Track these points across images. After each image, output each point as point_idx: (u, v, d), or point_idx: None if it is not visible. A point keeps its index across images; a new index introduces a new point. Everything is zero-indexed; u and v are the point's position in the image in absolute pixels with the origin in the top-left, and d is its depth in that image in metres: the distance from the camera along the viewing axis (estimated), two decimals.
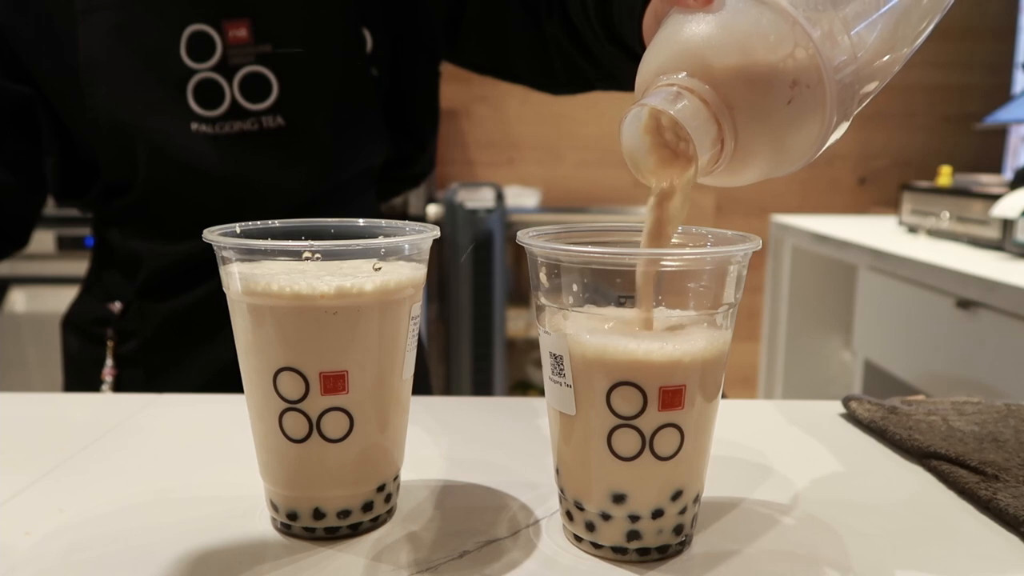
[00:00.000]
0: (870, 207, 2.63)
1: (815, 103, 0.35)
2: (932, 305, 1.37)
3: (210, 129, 0.75)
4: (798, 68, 0.35)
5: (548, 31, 0.75)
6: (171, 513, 0.44)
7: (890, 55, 0.37)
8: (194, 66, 0.75)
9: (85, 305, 0.86)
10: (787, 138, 0.37)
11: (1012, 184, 1.52)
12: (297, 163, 0.78)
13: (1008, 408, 0.59)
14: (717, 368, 0.38)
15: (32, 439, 0.55)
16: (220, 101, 0.75)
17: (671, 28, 0.38)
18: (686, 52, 0.36)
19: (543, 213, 2.53)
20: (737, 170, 0.38)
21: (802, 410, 0.63)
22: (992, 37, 2.60)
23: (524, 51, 0.78)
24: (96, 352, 0.83)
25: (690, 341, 0.37)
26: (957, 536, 0.43)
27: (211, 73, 0.75)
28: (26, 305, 2.07)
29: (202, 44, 0.75)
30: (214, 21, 0.74)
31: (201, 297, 0.79)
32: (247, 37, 0.74)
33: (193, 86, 0.75)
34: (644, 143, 0.38)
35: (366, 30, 0.80)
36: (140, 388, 0.81)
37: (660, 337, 0.37)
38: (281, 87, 0.76)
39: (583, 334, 0.37)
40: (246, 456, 0.46)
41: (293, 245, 0.39)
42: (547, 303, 0.39)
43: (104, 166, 0.78)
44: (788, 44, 0.35)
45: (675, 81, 0.36)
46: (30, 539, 0.41)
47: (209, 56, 0.75)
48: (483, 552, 0.40)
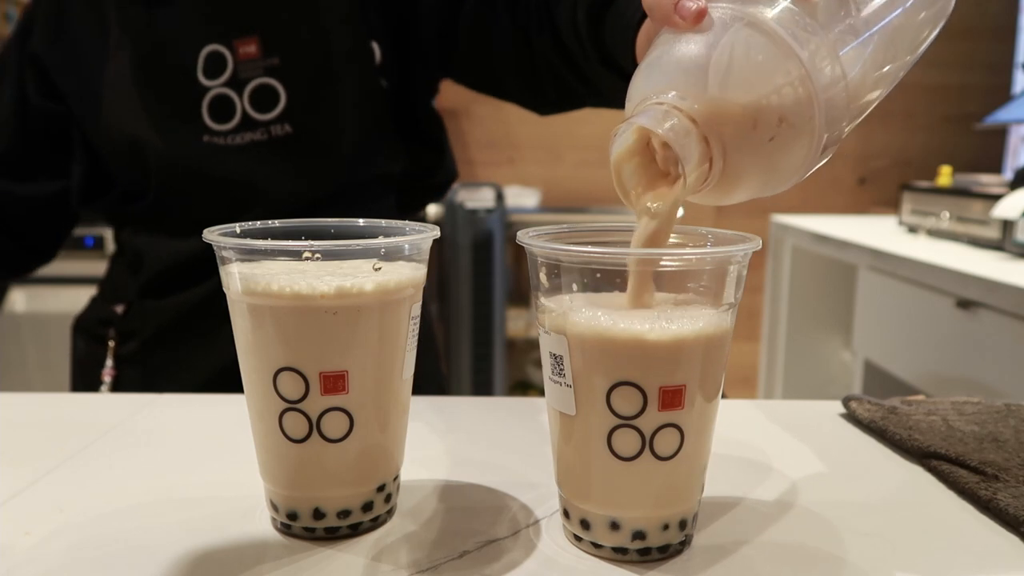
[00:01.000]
0: (870, 207, 2.63)
1: (803, 130, 0.36)
2: (932, 305, 1.37)
3: (222, 141, 0.77)
4: (787, 98, 0.35)
5: (538, 50, 0.75)
6: (171, 513, 0.44)
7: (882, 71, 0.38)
8: (208, 84, 0.77)
9: (93, 308, 0.88)
10: (776, 162, 0.37)
11: (1012, 184, 1.52)
12: (304, 168, 0.80)
13: (1008, 408, 0.59)
14: (717, 367, 0.38)
15: (32, 439, 0.55)
16: (232, 115, 0.77)
17: (661, 48, 0.38)
18: (675, 72, 0.37)
19: (543, 213, 2.53)
20: (726, 190, 0.38)
21: (802, 410, 0.63)
22: (992, 37, 2.59)
23: (513, 69, 0.79)
24: (98, 353, 0.84)
25: (692, 321, 0.37)
26: (957, 536, 0.43)
27: (223, 88, 0.77)
28: (26, 305, 2.07)
29: (216, 62, 0.77)
30: (227, 40, 0.77)
31: (202, 296, 0.80)
32: (256, 52, 0.77)
33: (207, 103, 0.77)
34: (632, 162, 0.38)
35: (375, 43, 0.82)
36: (138, 388, 0.81)
37: (662, 317, 0.37)
38: (288, 96, 0.77)
39: (582, 309, 0.37)
40: (246, 456, 0.46)
41: (293, 245, 0.39)
42: (547, 303, 0.39)
43: (117, 174, 0.82)
44: (780, 73, 0.35)
45: (664, 101, 0.36)
46: (30, 539, 0.41)
47: (221, 73, 0.77)
48: (483, 552, 0.40)
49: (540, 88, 0.79)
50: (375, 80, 0.82)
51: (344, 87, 0.80)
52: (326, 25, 0.80)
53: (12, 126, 0.82)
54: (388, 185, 0.86)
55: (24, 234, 0.85)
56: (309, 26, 0.79)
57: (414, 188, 0.90)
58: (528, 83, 0.79)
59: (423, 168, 0.89)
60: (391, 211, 0.87)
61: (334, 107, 0.80)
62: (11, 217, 0.83)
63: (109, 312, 0.84)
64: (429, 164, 0.90)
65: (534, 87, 0.79)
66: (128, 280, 0.84)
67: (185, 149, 0.77)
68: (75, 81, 0.80)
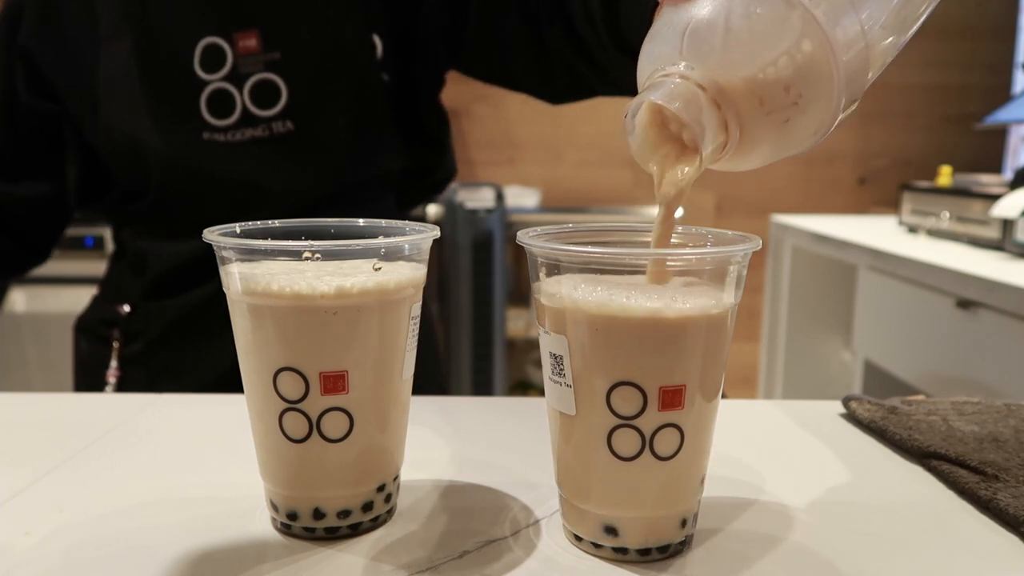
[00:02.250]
0: (870, 207, 2.63)
1: (822, 92, 0.34)
2: (932, 305, 1.37)
3: (222, 137, 0.76)
4: (802, 60, 0.34)
5: (550, 42, 0.75)
6: (171, 513, 0.44)
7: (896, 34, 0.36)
8: (206, 77, 0.76)
9: (96, 308, 0.88)
10: (794, 125, 0.36)
11: (1012, 184, 1.52)
12: (306, 166, 0.79)
13: (1008, 408, 0.59)
14: (717, 366, 0.38)
15: (32, 439, 0.55)
16: (232, 110, 0.76)
17: (668, 16, 0.37)
18: (684, 40, 0.36)
19: (543, 213, 2.53)
20: (745, 154, 0.37)
21: (802, 410, 0.63)
22: (992, 37, 2.59)
23: (525, 61, 0.78)
24: (102, 354, 0.83)
25: (697, 298, 0.37)
26: (957, 536, 0.43)
27: (223, 83, 0.76)
28: (26, 305, 2.07)
29: (214, 56, 0.76)
30: (225, 33, 0.76)
31: (206, 297, 0.79)
32: (256, 46, 0.76)
33: (206, 97, 0.76)
34: (649, 136, 0.38)
35: (376, 36, 0.81)
36: (142, 390, 0.81)
37: (667, 295, 0.37)
38: (290, 92, 0.77)
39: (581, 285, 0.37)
40: (246, 456, 0.46)
41: (293, 245, 0.39)
42: (547, 303, 0.39)
43: (117, 174, 0.80)
44: (793, 32, 0.33)
45: (674, 71, 0.35)
46: (30, 539, 0.41)
47: (220, 67, 0.76)
48: (483, 552, 0.40)
49: (551, 79, 0.78)
50: (376, 75, 0.81)
51: (346, 83, 0.79)
52: (328, 17, 0.79)
53: (2, 124, 0.80)
54: (388, 184, 0.86)
55: (24, 234, 0.84)
56: (310, 19, 0.78)
57: (413, 187, 0.89)
58: (540, 75, 0.79)
59: (423, 167, 0.89)
60: (391, 211, 0.86)
61: (336, 103, 0.79)
62: (11, 217, 0.82)
63: (113, 313, 0.84)
64: (430, 163, 0.89)
65: (545, 79, 0.79)
66: (131, 281, 0.83)
67: (185, 148, 0.76)
68: (69, 77, 0.79)
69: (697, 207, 2.69)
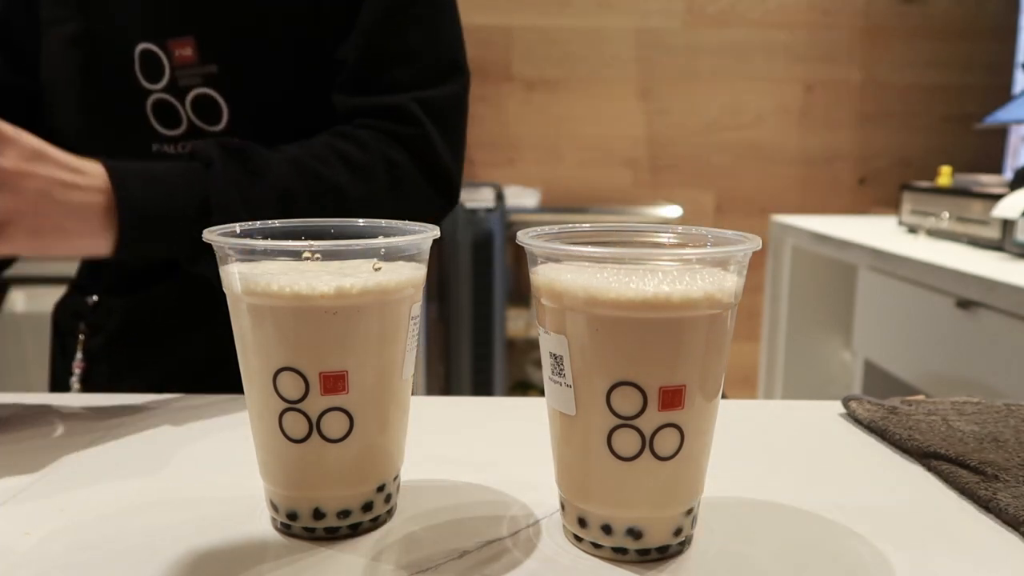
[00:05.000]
0: (870, 207, 2.63)
1: None
2: (932, 305, 1.37)
3: (171, 149, 0.74)
4: None
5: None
6: (171, 513, 0.44)
7: None
8: (148, 87, 0.73)
9: (68, 299, 0.87)
10: None
11: (1012, 184, 1.52)
12: None
13: (1008, 408, 0.59)
14: (717, 366, 0.38)
15: (32, 439, 0.55)
16: (178, 122, 0.73)
17: None
18: None
19: (543, 213, 2.53)
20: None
21: (802, 410, 0.63)
22: (992, 37, 2.59)
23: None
24: (68, 345, 0.83)
25: (696, 284, 0.37)
26: (957, 536, 0.43)
27: (164, 94, 0.73)
28: (26, 305, 2.07)
29: (152, 64, 0.72)
30: (160, 40, 0.72)
31: (164, 294, 0.78)
32: (192, 57, 0.72)
33: (151, 106, 0.73)
34: None
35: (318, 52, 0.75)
36: (104, 383, 0.80)
37: (667, 280, 0.37)
38: (231, 110, 0.73)
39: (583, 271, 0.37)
40: (246, 456, 0.46)
41: (293, 245, 0.39)
42: (547, 303, 0.39)
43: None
44: None
45: None
46: (30, 539, 0.41)
47: (160, 77, 0.72)
48: (483, 552, 0.40)
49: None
50: (321, 91, 0.75)
51: (290, 94, 0.75)
52: (267, 27, 0.72)
53: None
54: None
55: None
56: (248, 30, 0.72)
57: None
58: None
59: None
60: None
61: (281, 117, 0.74)
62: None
63: (82, 304, 0.82)
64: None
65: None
66: (96, 274, 0.82)
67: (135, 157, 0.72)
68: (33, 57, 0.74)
69: (697, 207, 2.69)
